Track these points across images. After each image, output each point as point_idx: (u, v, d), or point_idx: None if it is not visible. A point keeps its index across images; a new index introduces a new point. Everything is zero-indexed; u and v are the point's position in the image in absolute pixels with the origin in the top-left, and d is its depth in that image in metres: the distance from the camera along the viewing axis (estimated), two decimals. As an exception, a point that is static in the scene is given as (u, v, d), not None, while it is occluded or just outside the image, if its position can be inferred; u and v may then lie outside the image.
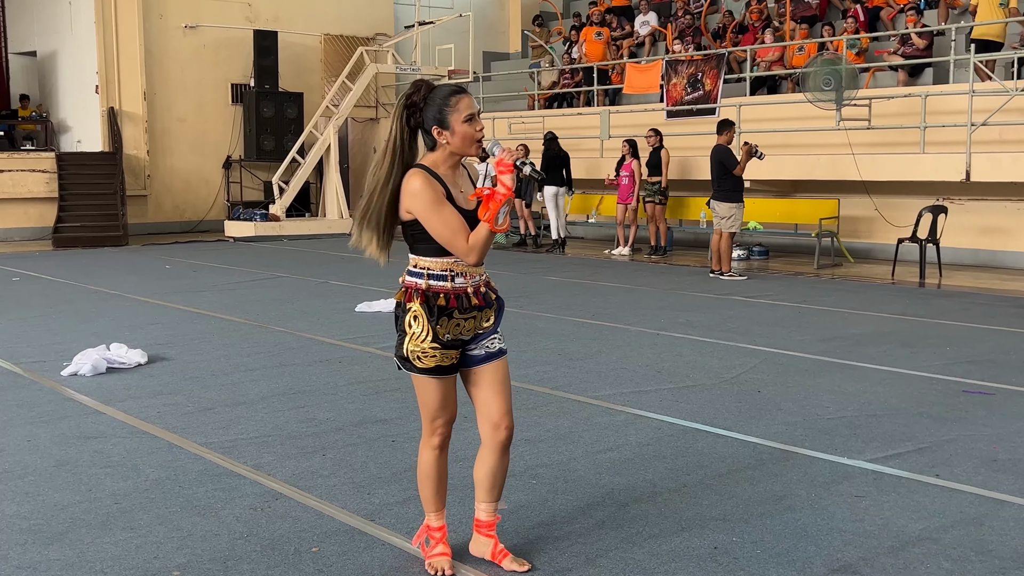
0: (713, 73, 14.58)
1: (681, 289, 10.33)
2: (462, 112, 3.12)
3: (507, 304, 8.97)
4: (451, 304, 3.17)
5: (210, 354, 6.94)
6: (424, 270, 3.20)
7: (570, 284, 10.82)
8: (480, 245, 3.09)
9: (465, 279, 3.20)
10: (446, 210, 3.10)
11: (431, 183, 3.09)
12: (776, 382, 6.05)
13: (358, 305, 8.90)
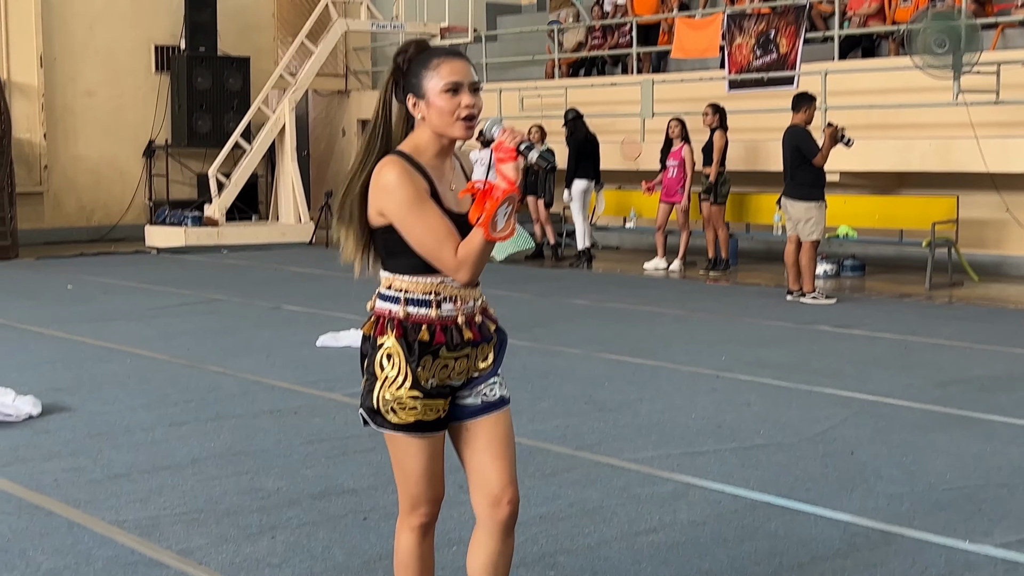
0: (790, 31, 14.65)
1: (748, 316, 10.32)
2: (442, 78, 3.08)
3: (517, 337, 8.97)
4: (437, 339, 3.15)
5: (124, 403, 6.96)
6: (400, 293, 3.17)
7: (601, 309, 10.82)
8: (473, 258, 3.04)
9: (455, 305, 3.18)
10: (429, 211, 3.06)
11: (409, 176, 3.07)
12: (875, 441, 6.03)
13: (320, 338, 8.92)
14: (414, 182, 3.07)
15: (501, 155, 3.03)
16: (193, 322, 10.12)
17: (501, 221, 3.01)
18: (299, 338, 9.14)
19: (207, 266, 15.16)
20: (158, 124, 19.47)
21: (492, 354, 3.29)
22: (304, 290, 12.41)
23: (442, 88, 3.09)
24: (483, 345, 3.26)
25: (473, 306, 3.23)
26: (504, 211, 3.00)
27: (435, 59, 3.13)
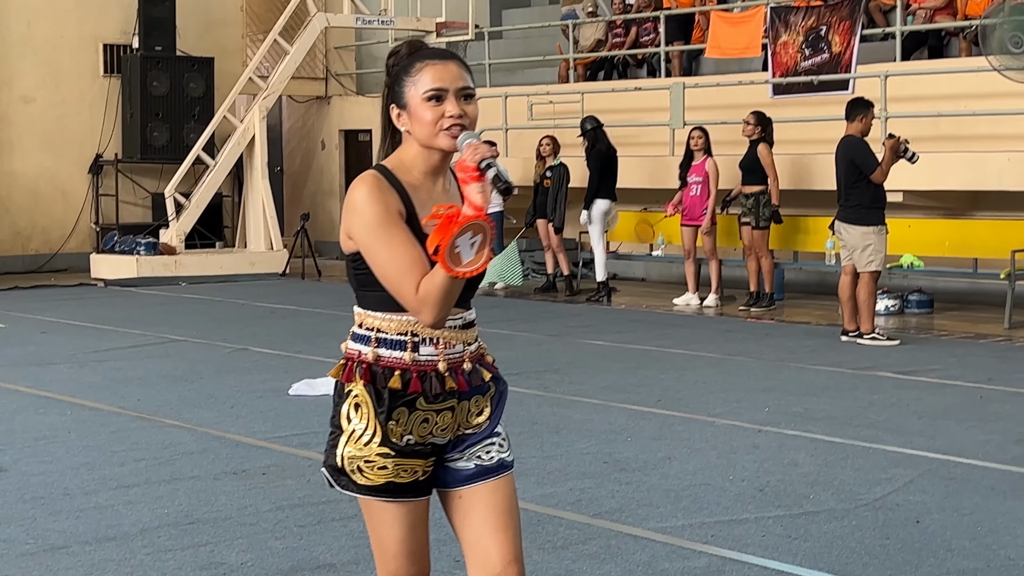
0: (844, 27, 14.71)
1: (796, 360, 10.30)
2: (422, 85, 3.11)
3: (525, 384, 8.97)
4: (412, 388, 3.15)
5: (64, 461, 6.94)
6: (371, 332, 3.18)
7: (623, 352, 10.81)
8: (435, 297, 3.00)
9: (436, 349, 3.17)
10: (396, 236, 3.04)
11: (379, 194, 3.08)
12: (945, 507, 6.00)
13: (294, 385, 8.91)
14: (384, 201, 3.08)
15: (463, 175, 3.01)
16: (145, 367, 10.10)
17: (468, 252, 2.96)
18: (269, 386, 9.12)
19: (163, 301, 15.17)
20: (106, 135, 19.56)
21: (488, 408, 3.27)
22: (276, 329, 12.41)
23: (423, 96, 3.11)
24: (477, 397, 3.24)
25: (462, 351, 3.21)
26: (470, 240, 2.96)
27: (417, 63, 3.15)
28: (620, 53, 18.34)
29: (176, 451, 7.16)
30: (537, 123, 17.16)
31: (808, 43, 14.96)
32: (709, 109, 15.63)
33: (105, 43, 19.56)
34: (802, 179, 14.30)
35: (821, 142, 14.41)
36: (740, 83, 15.68)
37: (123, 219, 19.30)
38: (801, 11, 15.11)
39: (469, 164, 2.99)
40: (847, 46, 14.66)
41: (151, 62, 19.04)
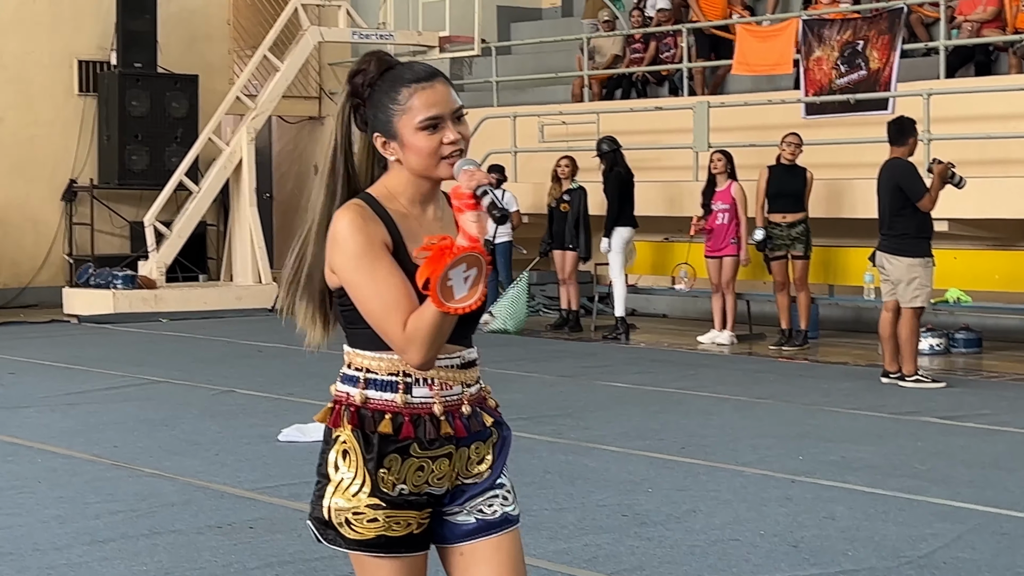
0: (883, 41, 14.74)
1: (832, 404, 10.28)
2: (415, 113, 3.11)
3: (535, 430, 8.95)
4: (404, 433, 3.14)
5: (34, 513, 6.93)
6: (360, 372, 3.19)
7: (643, 394, 10.79)
8: (424, 335, 3.00)
9: (431, 390, 3.16)
10: (381, 270, 3.05)
11: (364, 224, 3.09)
12: (996, 565, 5.97)
13: (284, 431, 8.90)
14: (368, 232, 3.08)
15: (458, 203, 3.01)
16: (122, 411, 10.10)
17: (461, 287, 2.95)
18: (257, 431, 9.11)
19: (141, 339, 15.18)
20: (81, 159, 19.62)
21: (491, 456, 3.26)
22: (264, 370, 12.40)
23: (418, 125, 3.11)
24: (477, 444, 3.23)
25: (460, 393, 3.20)
26: (463, 274, 2.94)
27: (403, 90, 3.13)
28: (639, 70, 18.39)
29: (156, 503, 7.15)
30: (549, 145, 17.20)
31: (844, 59, 14.99)
32: (736, 131, 15.65)
33: (80, 59, 19.64)
34: (837, 206, 14.31)
35: (857, 166, 14.41)
36: (770, 102, 15.71)
37: (99, 250, 19.34)
38: (836, 24, 15.14)
39: (464, 191, 2.99)
40: (886, 62, 14.69)
41: (130, 80, 19.12)
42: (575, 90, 18.91)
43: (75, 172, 19.57)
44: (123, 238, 19.77)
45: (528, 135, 17.57)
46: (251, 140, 18.39)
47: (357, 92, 3.20)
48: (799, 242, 13.51)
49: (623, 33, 18.70)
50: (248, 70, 18.95)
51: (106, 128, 19.33)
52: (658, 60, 18.28)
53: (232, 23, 20.99)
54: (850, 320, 15.20)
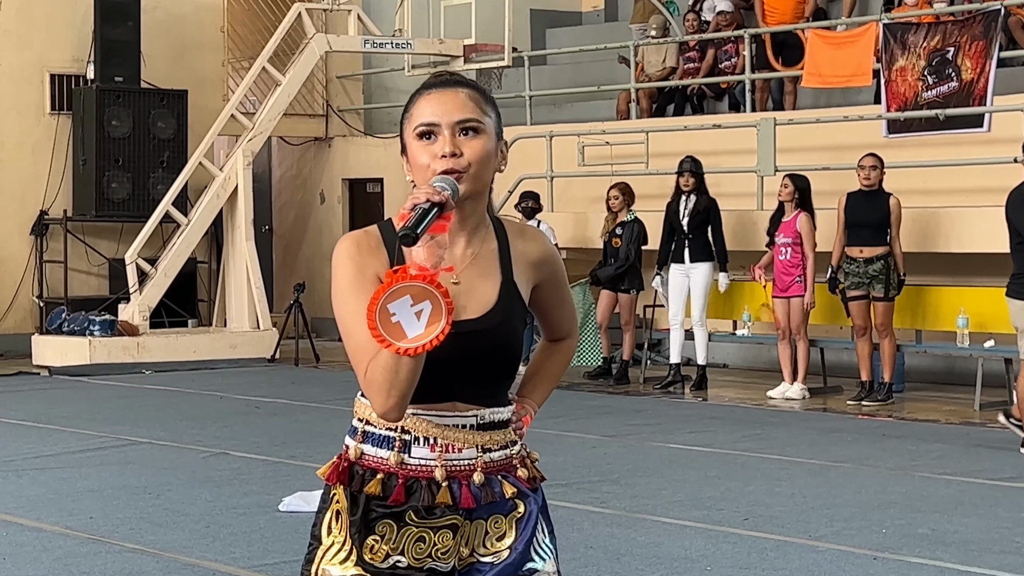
0: (977, 48, 14.70)
1: (921, 468, 10.21)
2: (414, 119, 3.17)
3: (576, 498, 8.91)
4: (394, 497, 3.15)
5: (-4, 595, 6.92)
6: (360, 424, 3.22)
7: (700, 457, 10.75)
8: (381, 380, 2.96)
9: (432, 451, 3.16)
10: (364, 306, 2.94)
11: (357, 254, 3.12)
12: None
13: (285, 499, 8.88)
14: (360, 263, 3.11)
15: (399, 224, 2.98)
16: (100, 476, 10.08)
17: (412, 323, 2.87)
18: (254, 499, 9.09)
19: (122, 394, 15.18)
20: (53, 187, 19.70)
21: (512, 533, 3.23)
22: (263, 428, 12.39)
23: (414, 133, 3.16)
24: (496, 517, 3.21)
25: (472, 458, 3.18)
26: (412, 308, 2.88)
27: (415, 96, 3.20)
28: (695, 82, 18.38)
29: (137, 582, 7.13)
30: (590, 169, 17.20)
31: (932, 69, 14.95)
32: (806, 151, 15.61)
33: (53, 73, 19.73)
34: (924, 239, 14.23)
35: (948, 192, 14.36)
36: (846, 119, 15.66)
37: (73, 291, 19.40)
38: (923, 29, 15.11)
39: (404, 211, 2.96)
40: (981, 72, 14.64)
41: (109, 96, 19.19)
42: (620, 105, 18.92)
43: (46, 202, 19.65)
44: (101, 278, 19.82)
45: (566, 157, 17.56)
46: (248, 164, 18.43)
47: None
48: (878, 281, 13.39)
49: (677, 40, 18.70)
50: (245, 84, 19.00)
51: (82, 151, 19.39)
52: (717, 71, 18.27)
53: (226, 31, 21.06)
54: (941, 371, 15.10)
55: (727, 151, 16.47)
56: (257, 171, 19.75)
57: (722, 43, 18.17)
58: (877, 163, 13.48)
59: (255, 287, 18.18)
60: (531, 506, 3.25)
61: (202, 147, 18.52)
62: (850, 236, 13.55)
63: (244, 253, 18.27)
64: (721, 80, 18.20)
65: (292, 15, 19.06)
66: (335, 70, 21.60)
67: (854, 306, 13.60)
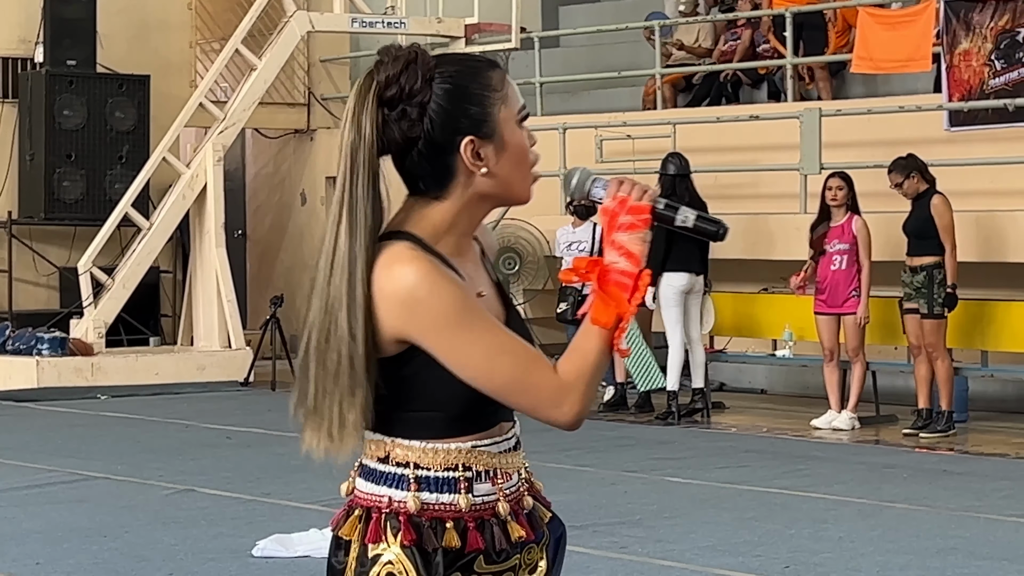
0: (1050, 28, 14.69)
1: (986, 509, 10.21)
2: (514, 103, 3.20)
3: (596, 540, 8.92)
4: (471, 544, 3.16)
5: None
6: (406, 470, 3.18)
7: (734, 496, 10.74)
8: (588, 380, 3.11)
9: (493, 484, 3.19)
10: (490, 321, 3.11)
11: (444, 274, 3.10)
12: None
13: (260, 543, 8.88)
14: (456, 283, 3.11)
15: (627, 219, 3.12)
16: (48, 516, 10.06)
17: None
18: (224, 543, 9.08)
19: (74, 422, 15.18)
20: (-2, 186, 19.71)
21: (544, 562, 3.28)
22: (234, 462, 12.39)
23: (519, 116, 3.20)
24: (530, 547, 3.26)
25: (517, 483, 3.25)
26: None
27: (491, 73, 3.19)
28: (730, 67, 18.38)
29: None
30: (609, 166, 17.16)
31: (1000, 52, 14.95)
32: (857, 147, 15.60)
33: (-2, 56, 19.79)
34: (991, 247, 14.21)
35: (1019, 194, 14.33)
36: (902, 109, 15.66)
37: (19, 305, 19.41)
38: (990, 7, 15.09)
39: (640, 203, 3.12)
40: (1056, 56, 14.68)
41: (61, 82, 19.19)
42: (645, 93, 18.92)
43: (-10, 203, 19.68)
44: (51, 289, 19.82)
45: (582, 151, 17.53)
46: (219, 160, 18.43)
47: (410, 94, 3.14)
48: (920, 295, 13.35)
49: (709, 19, 18.69)
50: (215, 69, 19.00)
51: (29, 145, 19.40)
52: (755, 55, 18.27)
53: (195, 8, 21.07)
54: (1012, 398, 15.08)
55: (766, 146, 16.46)
56: (229, 168, 19.76)
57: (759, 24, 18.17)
58: (901, 177, 13.43)
59: (226, 300, 18.17)
60: (558, 531, 3.33)
61: (166, 140, 18.52)
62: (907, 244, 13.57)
63: (214, 261, 18.27)
64: (759, 65, 18.19)
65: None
66: (318, 53, 21.62)
67: (907, 321, 13.59)
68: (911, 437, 13.45)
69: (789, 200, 16.01)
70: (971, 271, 13.88)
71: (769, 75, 18.24)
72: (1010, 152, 14.65)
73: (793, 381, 16.85)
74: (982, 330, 14.32)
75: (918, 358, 13.65)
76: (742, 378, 17.20)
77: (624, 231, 3.11)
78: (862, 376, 14.09)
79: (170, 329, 19.84)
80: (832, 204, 13.99)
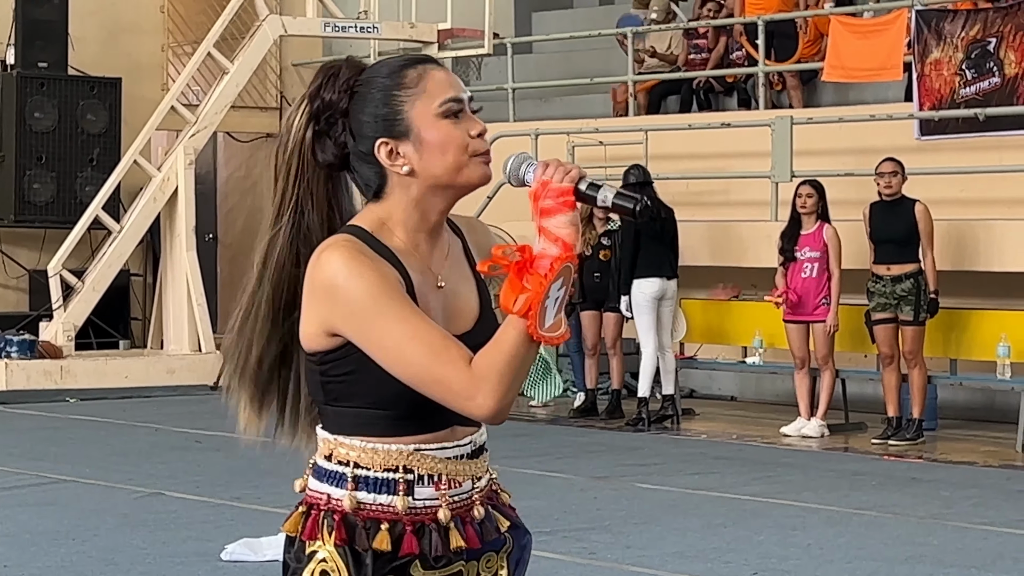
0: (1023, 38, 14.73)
1: (955, 516, 10.22)
2: (434, 96, 3.19)
3: (565, 546, 8.91)
4: (406, 549, 3.16)
5: None
6: (346, 468, 3.19)
7: (703, 502, 10.76)
8: (504, 371, 3.03)
9: (437, 489, 3.19)
10: (408, 308, 3.07)
11: (369, 261, 3.11)
12: None
13: (228, 547, 8.86)
14: (379, 269, 3.11)
15: (548, 203, 3.07)
16: (16, 519, 10.04)
17: (550, 312, 3.02)
18: (193, 547, 9.07)
19: (43, 424, 15.14)
20: (-33, 187, 19.66)
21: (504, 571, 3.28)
22: (204, 466, 12.37)
23: (439, 111, 3.18)
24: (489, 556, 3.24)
25: (469, 491, 3.23)
26: (556, 294, 3.02)
27: (409, 72, 3.20)
28: (702, 74, 18.40)
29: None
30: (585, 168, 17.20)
31: (971, 62, 14.98)
32: (828, 155, 15.63)
33: (-34, 59, 19.72)
34: (962, 256, 14.22)
35: (990, 203, 14.37)
36: (873, 118, 15.68)
37: (-12, 307, 19.37)
38: (961, 17, 15.13)
39: (561, 185, 3.07)
40: (1026, 66, 14.70)
41: (32, 84, 19.15)
42: (617, 100, 18.93)
43: (-42, 205, 19.62)
44: (19, 291, 19.78)
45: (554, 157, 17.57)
46: (190, 164, 18.40)
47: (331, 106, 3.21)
48: (907, 302, 13.37)
49: (682, 26, 18.70)
50: (187, 72, 18.96)
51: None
52: (727, 62, 18.29)
53: (167, 11, 21.06)
54: (980, 406, 15.10)
55: (737, 153, 16.48)
56: (200, 171, 19.70)
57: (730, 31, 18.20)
58: (897, 168, 13.48)
59: (196, 304, 18.14)
60: (523, 540, 3.31)
61: (137, 143, 18.49)
62: (876, 252, 13.57)
63: (184, 265, 18.24)
64: (729, 73, 18.21)
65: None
66: (290, 57, 21.62)
67: (880, 331, 13.58)
68: (880, 445, 13.47)
69: (760, 208, 16.02)
70: (941, 280, 13.89)
71: (740, 83, 18.26)
72: (980, 161, 14.69)
73: (763, 388, 16.88)
74: (951, 338, 14.34)
75: (888, 366, 13.67)
76: (712, 385, 17.21)
77: (551, 216, 3.06)
78: (831, 384, 14.11)
79: (140, 332, 19.82)
80: (803, 212, 14.00)
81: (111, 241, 18.31)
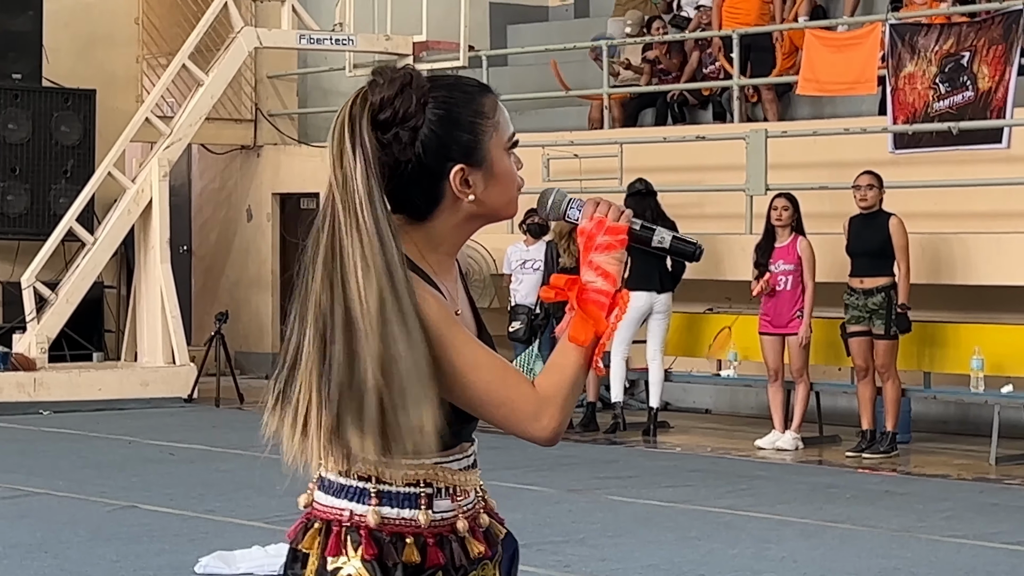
0: (996, 53, 14.78)
1: (928, 530, 10.25)
2: (504, 130, 3.24)
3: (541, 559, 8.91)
4: (431, 560, 3.18)
5: None
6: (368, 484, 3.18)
7: (679, 515, 10.77)
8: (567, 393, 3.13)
9: (452, 501, 3.22)
10: (465, 333, 3.15)
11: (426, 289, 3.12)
12: None
13: (202, 560, 8.84)
14: (436, 298, 3.14)
15: (604, 240, 3.17)
16: (-12, 531, 10.03)
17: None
18: (166, 559, 9.04)
19: (15, 437, 15.10)
20: (-60, 199, 19.60)
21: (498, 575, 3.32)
22: (177, 478, 12.35)
23: (507, 145, 3.24)
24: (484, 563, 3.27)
25: (473, 501, 3.29)
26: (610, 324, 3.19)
27: (484, 99, 3.22)
28: (676, 87, 18.42)
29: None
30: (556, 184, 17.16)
31: (944, 76, 15.01)
32: (802, 168, 15.66)
33: (-61, 70, 19.66)
34: (935, 269, 14.25)
35: (963, 216, 14.39)
36: (847, 131, 15.71)
37: (-39, 319, 19.31)
38: (934, 31, 15.16)
39: (621, 224, 3.17)
40: (1000, 80, 14.70)
41: (6, 96, 19.07)
42: (592, 113, 18.94)
43: (-69, 216, 19.56)
44: (-7, 303, 19.72)
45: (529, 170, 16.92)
46: (164, 176, 18.36)
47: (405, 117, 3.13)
48: (879, 316, 13.39)
49: (656, 39, 18.71)
50: (162, 84, 18.92)
51: (-29, 159, 19.31)
52: (701, 75, 18.31)
53: (141, 22, 20.98)
54: (953, 419, 15.13)
55: (712, 167, 16.50)
56: (175, 183, 19.67)
57: (707, 44, 18.22)
58: (874, 181, 13.51)
59: (171, 316, 18.09)
60: (511, 547, 3.36)
61: (112, 155, 18.43)
62: (852, 265, 13.61)
63: (158, 277, 18.20)
64: (704, 86, 18.23)
65: (217, 6, 18.94)
66: (266, 69, 21.57)
67: (855, 343, 13.61)
68: (854, 458, 13.49)
69: (735, 220, 16.04)
70: (914, 293, 13.92)
71: (715, 96, 18.28)
72: (954, 175, 14.72)
73: (737, 401, 16.89)
74: (925, 352, 14.37)
75: (863, 379, 13.69)
76: (687, 398, 17.21)
77: (601, 252, 3.16)
78: (806, 396, 14.14)
79: (114, 345, 19.76)
80: (777, 224, 14.03)
81: (85, 253, 18.25)
